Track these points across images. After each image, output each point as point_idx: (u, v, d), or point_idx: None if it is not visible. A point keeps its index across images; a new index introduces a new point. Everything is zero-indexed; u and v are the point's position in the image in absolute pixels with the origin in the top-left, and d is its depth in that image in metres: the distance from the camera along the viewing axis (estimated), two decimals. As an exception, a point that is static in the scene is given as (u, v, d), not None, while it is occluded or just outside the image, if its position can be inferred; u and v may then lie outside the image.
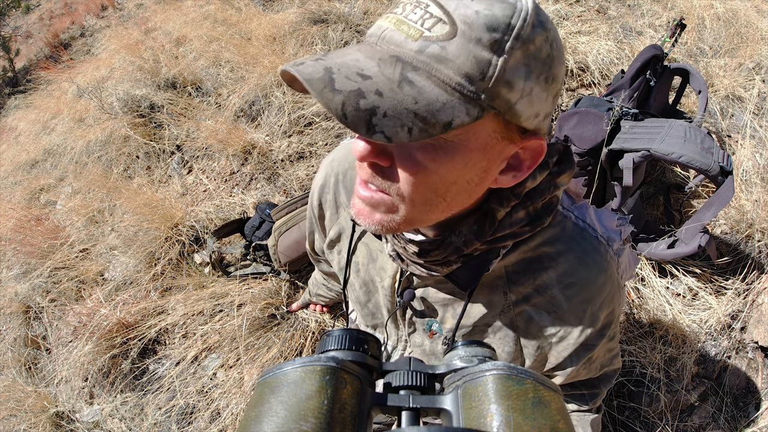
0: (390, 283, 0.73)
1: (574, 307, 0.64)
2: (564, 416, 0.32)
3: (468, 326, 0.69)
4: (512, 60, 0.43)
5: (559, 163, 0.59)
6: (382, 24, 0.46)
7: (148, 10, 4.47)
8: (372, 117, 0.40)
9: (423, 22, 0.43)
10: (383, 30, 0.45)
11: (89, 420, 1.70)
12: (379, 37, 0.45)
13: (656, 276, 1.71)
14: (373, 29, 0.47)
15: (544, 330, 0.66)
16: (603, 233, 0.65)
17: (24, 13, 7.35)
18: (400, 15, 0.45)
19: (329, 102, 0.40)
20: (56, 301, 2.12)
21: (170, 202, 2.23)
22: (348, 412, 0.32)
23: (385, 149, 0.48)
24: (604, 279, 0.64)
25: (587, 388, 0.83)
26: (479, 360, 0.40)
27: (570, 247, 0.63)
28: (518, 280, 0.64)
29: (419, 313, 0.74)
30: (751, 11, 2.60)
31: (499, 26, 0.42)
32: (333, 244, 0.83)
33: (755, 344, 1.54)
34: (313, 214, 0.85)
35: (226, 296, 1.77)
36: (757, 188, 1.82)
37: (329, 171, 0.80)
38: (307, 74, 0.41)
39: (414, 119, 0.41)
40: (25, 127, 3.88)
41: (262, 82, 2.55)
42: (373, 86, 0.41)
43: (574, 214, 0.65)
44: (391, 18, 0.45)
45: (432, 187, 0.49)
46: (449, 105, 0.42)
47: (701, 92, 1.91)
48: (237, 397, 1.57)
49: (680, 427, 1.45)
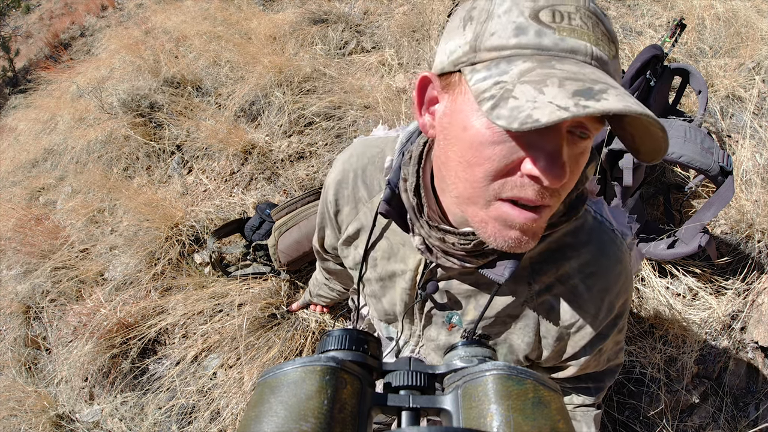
0: (411, 276, 0.73)
1: (593, 296, 0.66)
2: (564, 416, 0.32)
3: (490, 317, 0.70)
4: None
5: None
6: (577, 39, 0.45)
7: (148, 9, 4.47)
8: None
9: (606, 41, 0.47)
10: (591, 49, 0.45)
11: (89, 420, 1.70)
12: (592, 57, 0.45)
13: (656, 276, 1.71)
14: (569, 44, 0.45)
15: (564, 319, 0.68)
16: (617, 227, 0.68)
17: (24, 13, 7.35)
18: (589, 32, 0.46)
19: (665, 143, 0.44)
20: (56, 301, 2.12)
21: (170, 202, 2.23)
22: (348, 412, 0.32)
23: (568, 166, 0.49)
24: (620, 269, 0.66)
25: (593, 382, 0.84)
26: (479, 360, 0.40)
27: (590, 239, 0.65)
28: (541, 269, 0.66)
29: (440, 305, 0.74)
30: (751, 11, 2.60)
31: (614, 38, 0.49)
32: (350, 240, 0.83)
33: (755, 344, 1.54)
34: (327, 210, 0.85)
35: (226, 296, 1.77)
36: (757, 188, 1.82)
37: (347, 167, 0.80)
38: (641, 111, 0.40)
39: None
40: (25, 127, 3.88)
41: (262, 81, 2.55)
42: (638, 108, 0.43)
43: (592, 209, 0.68)
44: (581, 32, 0.45)
45: (574, 179, 0.51)
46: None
47: (701, 92, 1.91)
48: (237, 397, 1.57)
49: (680, 427, 1.45)
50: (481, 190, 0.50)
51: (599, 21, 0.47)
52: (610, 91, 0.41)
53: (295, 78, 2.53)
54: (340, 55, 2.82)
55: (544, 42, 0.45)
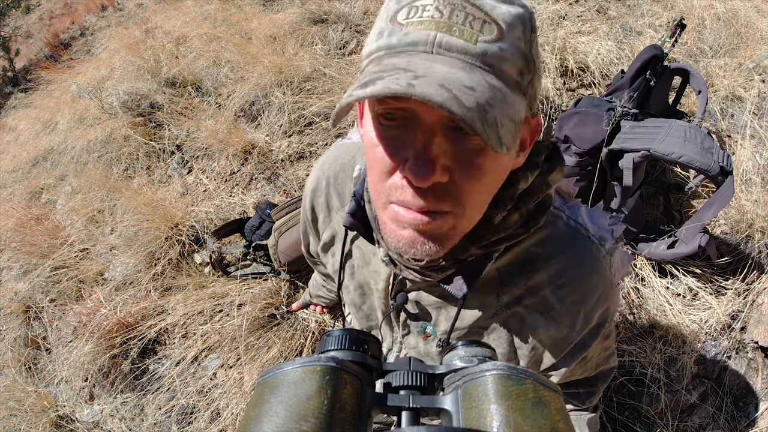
0: (384, 286, 0.73)
1: (566, 308, 0.63)
2: (564, 416, 0.32)
3: (463, 328, 0.69)
4: (535, 50, 0.46)
5: (549, 161, 0.59)
6: (422, 30, 0.43)
7: (148, 9, 4.47)
8: (498, 130, 0.39)
9: (471, 24, 0.42)
10: (433, 37, 0.42)
11: (89, 420, 1.70)
12: (434, 45, 0.42)
13: (656, 276, 1.71)
14: (412, 37, 0.43)
15: (538, 331, 0.65)
16: (595, 232, 0.64)
17: (24, 13, 7.35)
18: (442, 19, 0.42)
19: (473, 122, 0.37)
20: (56, 301, 2.13)
21: (170, 202, 2.23)
22: (348, 412, 0.32)
23: (445, 164, 0.45)
24: (597, 279, 0.63)
25: (584, 387, 0.83)
26: (479, 360, 0.40)
27: (561, 248, 0.62)
28: (511, 281, 0.64)
29: (413, 316, 0.73)
30: (751, 11, 2.60)
31: (525, 21, 0.45)
32: (327, 248, 0.83)
33: (755, 344, 1.54)
34: (307, 218, 0.85)
35: (226, 296, 1.77)
36: (757, 188, 1.82)
37: (320, 174, 0.79)
38: (435, 95, 0.37)
39: (510, 124, 0.42)
40: (26, 127, 3.88)
41: (262, 81, 2.55)
42: (482, 98, 0.40)
43: (565, 214, 0.64)
44: (429, 22, 0.43)
45: (489, 188, 0.48)
46: (518, 102, 0.44)
47: (701, 92, 1.91)
48: (237, 397, 1.57)
49: (680, 427, 1.45)
50: (379, 193, 0.50)
51: (465, 4, 0.43)
52: (400, 75, 0.39)
53: (295, 78, 2.53)
54: (340, 55, 2.82)
55: (392, 41, 0.45)
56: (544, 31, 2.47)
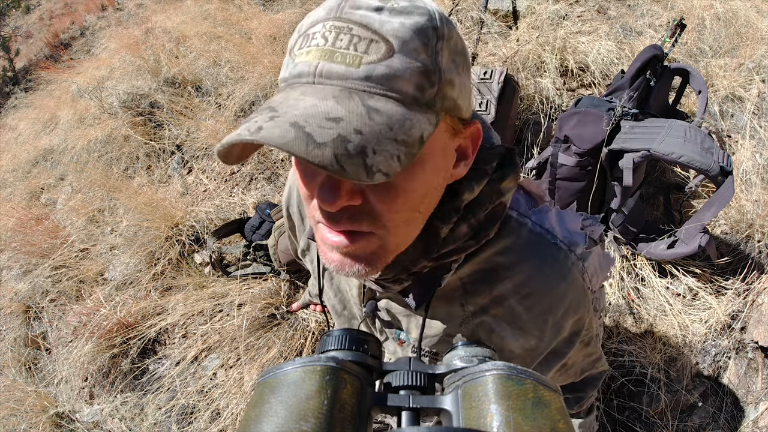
0: (357, 293, 0.73)
1: (533, 318, 0.61)
2: (564, 416, 0.32)
3: (433, 336, 0.68)
4: (444, 59, 0.44)
5: (501, 168, 0.57)
6: (307, 60, 0.42)
7: (148, 9, 4.48)
8: (365, 159, 0.38)
9: (355, 47, 0.41)
10: (315, 66, 0.42)
11: (89, 420, 1.70)
12: (315, 75, 0.42)
13: (656, 276, 1.71)
14: (299, 68, 0.43)
15: (507, 341, 0.64)
16: (564, 238, 0.61)
17: (24, 13, 7.35)
18: (326, 46, 0.41)
19: (321, 159, 0.36)
20: (56, 301, 2.13)
21: (170, 201, 2.23)
22: (348, 412, 0.32)
23: (354, 187, 0.45)
24: (565, 287, 0.60)
25: (570, 393, 0.83)
26: (479, 360, 0.40)
27: (525, 256, 0.59)
28: (474, 291, 0.62)
29: (386, 323, 0.73)
30: (751, 11, 2.59)
31: (426, 30, 0.43)
32: (304, 254, 0.84)
33: (755, 344, 1.54)
34: (286, 224, 0.87)
35: (226, 296, 1.77)
36: (757, 188, 1.82)
37: (292, 183, 0.80)
38: (278, 138, 0.36)
39: (397, 146, 0.40)
40: (26, 127, 3.88)
41: (262, 81, 2.55)
42: (349, 127, 0.38)
43: (531, 220, 0.61)
44: (314, 52, 0.42)
45: (410, 205, 0.47)
46: (415, 120, 0.42)
47: (701, 92, 1.91)
48: (237, 397, 1.57)
49: (680, 427, 1.45)
50: (309, 214, 0.50)
51: (352, 26, 0.41)
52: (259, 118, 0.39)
53: (295, 78, 2.53)
54: (340, 55, 2.82)
55: (285, 74, 0.44)
56: (544, 31, 2.47)
